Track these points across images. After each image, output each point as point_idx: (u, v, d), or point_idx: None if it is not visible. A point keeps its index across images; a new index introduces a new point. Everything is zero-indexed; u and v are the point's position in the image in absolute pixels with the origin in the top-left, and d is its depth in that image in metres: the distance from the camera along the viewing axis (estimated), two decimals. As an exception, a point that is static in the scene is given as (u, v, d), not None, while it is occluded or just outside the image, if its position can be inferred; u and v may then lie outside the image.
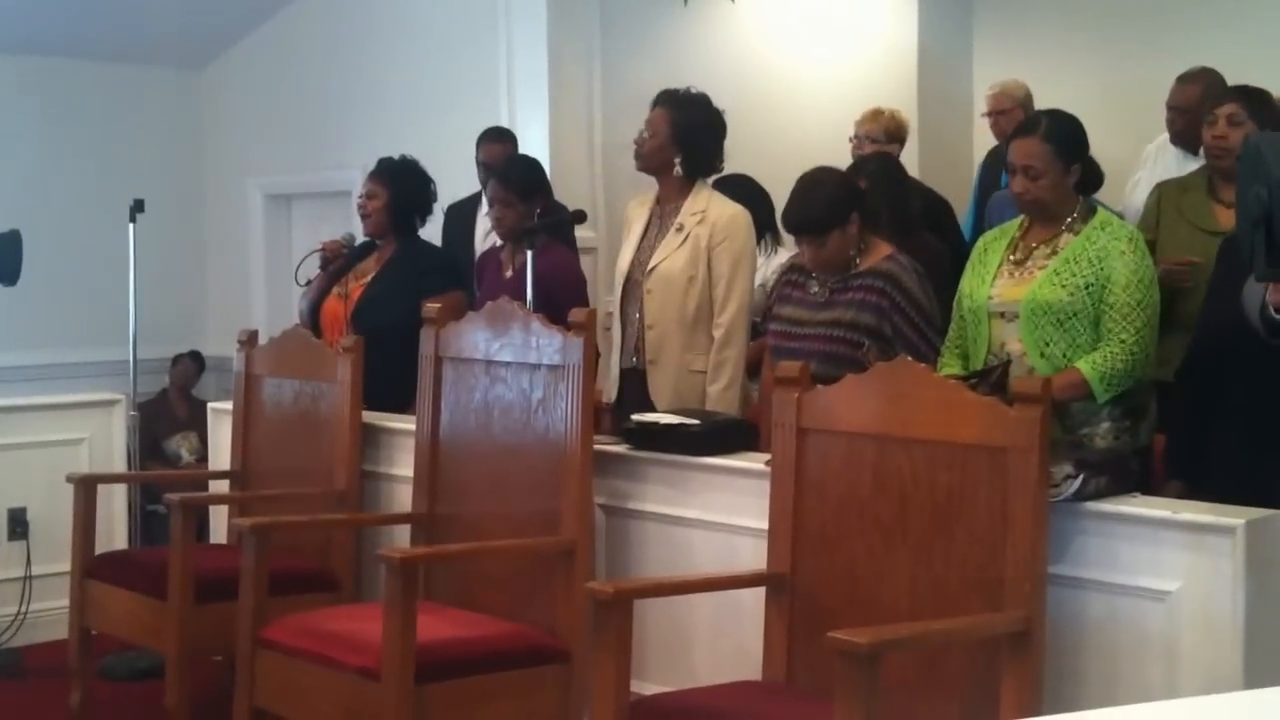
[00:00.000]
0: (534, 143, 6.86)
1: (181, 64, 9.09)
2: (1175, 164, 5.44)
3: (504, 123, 6.90)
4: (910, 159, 7.14)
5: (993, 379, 3.68)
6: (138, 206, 6.13)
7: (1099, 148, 5.85)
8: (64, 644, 5.03)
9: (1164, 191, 4.95)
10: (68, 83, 8.65)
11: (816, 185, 4.44)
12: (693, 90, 4.98)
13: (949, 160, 7.26)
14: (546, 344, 4.18)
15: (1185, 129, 5.28)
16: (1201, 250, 4.58)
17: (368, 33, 8.12)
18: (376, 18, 8.07)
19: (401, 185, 5.58)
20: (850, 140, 6.05)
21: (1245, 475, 3.57)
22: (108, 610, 4.84)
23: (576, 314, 4.17)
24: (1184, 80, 5.49)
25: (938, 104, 7.47)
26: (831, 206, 4.35)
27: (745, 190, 5.66)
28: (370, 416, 4.92)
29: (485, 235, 5.89)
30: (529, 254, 4.80)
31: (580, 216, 5.30)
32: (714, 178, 5.08)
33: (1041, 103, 6.40)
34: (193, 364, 8.77)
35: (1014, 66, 7.01)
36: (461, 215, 6.21)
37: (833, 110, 6.67)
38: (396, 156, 5.69)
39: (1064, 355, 3.88)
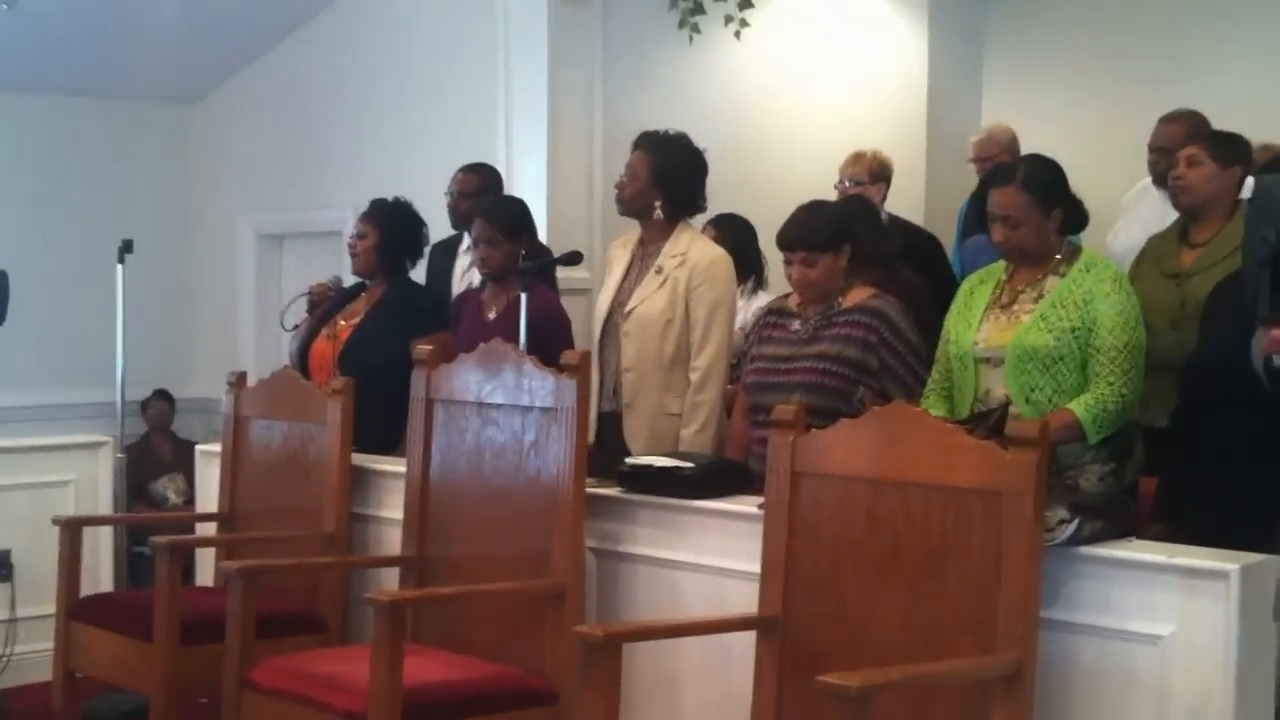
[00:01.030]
0: (531, 181, 6.91)
1: (172, 101, 9.15)
2: (1158, 207, 5.56)
3: (501, 160, 6.95)
4: (917, 197, 7.27)
5: (991, 422, 3.77)
6: (126, 247, 6.21)
7: (1106, 188, 5.99)
8: (49, 686, 5.08)
9: (1150, 244, 5.09)
10: (56, 120, 8.71)
11: (820, 207, 4.64)
12: (671, 131, 5.09)
13: (956, 199, 7.34)
14: (539, 386, 4.26)
15: (1168, 170, 5.42)
16: (1162, 292, 4.72)
17: (363, 69, 8.17)
18: (372, 54, 8.12)
19: (393, 226, 5.68)
20: (836, 188, 6.17)
21: (1224, 515, 3.65)
22: (93, 652, 4.89)
23: (569, 356, 4.25)
24: (1166, 121, 5.67)
25: (947, 142, 7.57)
26: (832, 227, 4.51)
27: (737, 229, 5.79)
28: (360, 459, 4.98)
29: (463, 274, 5.98)
30: (523, 295, 4.85)
31: (576, 257, 5.37)
32: (704, 218, 5.18)
33: (1052, 141, 6.50)
34: (163, 403, 8.80)
35: (1024, 106, 7.14)
36: (444, 254, 6.26)
37: (840, 149, 6.72)
38: (390, 198, 5.79)
39: (1049, 400, 3.99)
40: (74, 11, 7.83)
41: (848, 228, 4.55)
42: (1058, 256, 4.12)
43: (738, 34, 6.96)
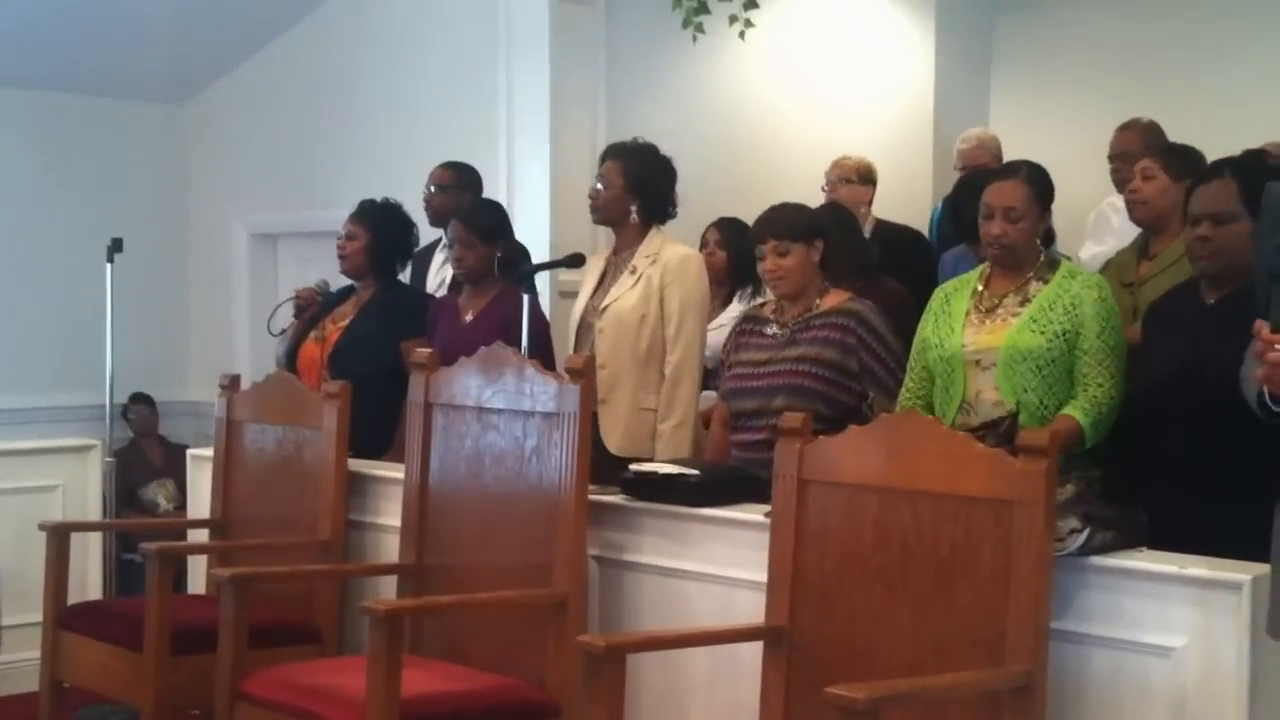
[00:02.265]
0: (534, 182, 6.97)
1: (165, 98, 9.17)
2: (1122, 226, 5.63)
3: (503, 163, 7.01)
4: (923, 205, 7.30)
5: (1000, 430, 3.82)
6: (115, 246, 6.25)
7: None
8: (35, 697, 5.10)
9: (1115, 256, 5.18)
10: (45, 116, 8.73)
11: (789, 203, 4.78)
12: (640, 140, 5.30)
13: (964, 208, 7.37)
14: (541, 391, 4.29)
15: (1130, 176, 5.49)
16: (1117, 301, 4.78)
17: (360, 68, 8.19)
18: (370, 52, 8.14)
19: (382, 228, 5.74)
20: (824, 189, 6.22)
21: (1182, 522, 3.68)
22: (81, 662, 4.91)
23: (573, 361, 4.30)
24: (1123, 129, 5.89)
25: (953, 150, 7.60)
26: (802, 219, 4.68)
27: (739, 235, 5.84)
28: (357, 464, 5.01)
29: (437, 270, 6.04)
30: (525, 299, 4.92)
31: (578, 260, 5.42)
32: (706, 220, 5.26)
33: (1059, 150, 6.53)
34: (145, 408, 8.81)
35: (1031, 115, 7.18)
36: (423, 257, 6.35)
37: (846, 153, 6.82)
38: (379, 198, 5.84)
39: (1040, 402, 4.11)
40: (64, 6, 7.85)
41: (819, 224, 4.71)
42: (1038, 264, 4.25)
43: (742, 34, 6.95)
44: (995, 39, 7.93)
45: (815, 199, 5.23)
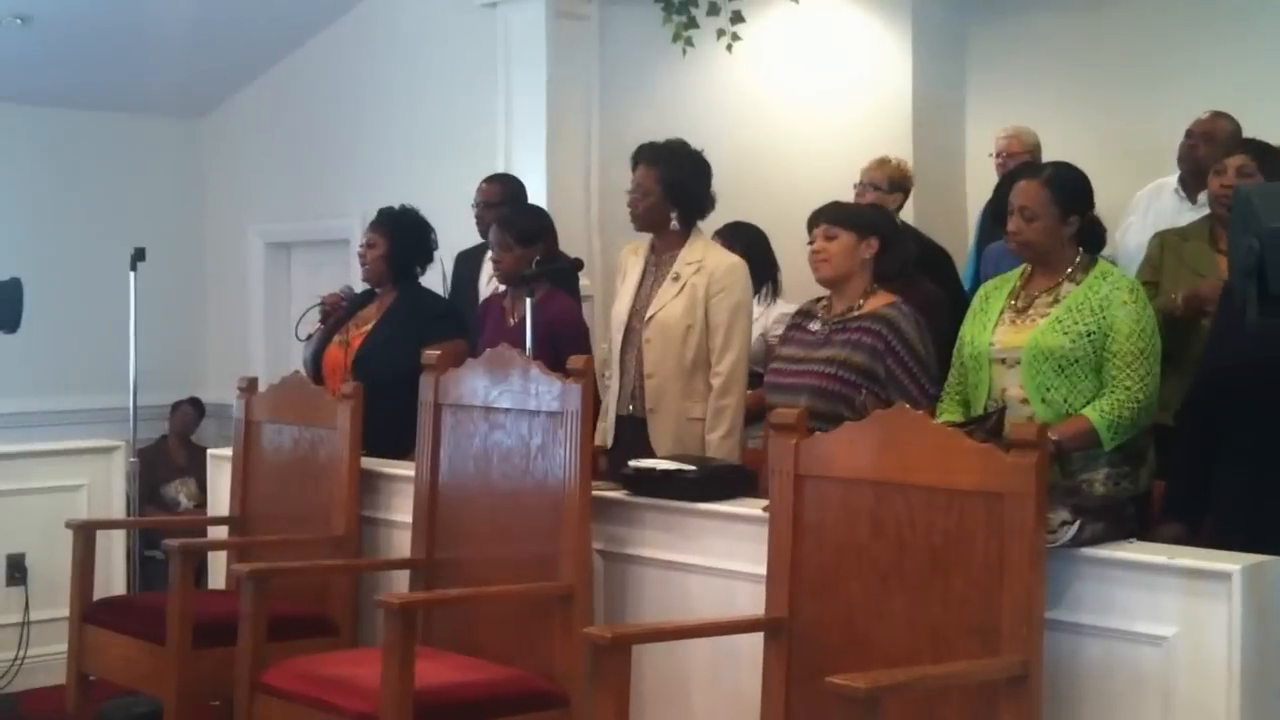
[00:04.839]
0: (531, 190, 6.85)
1: (183, 113, 9.18)
2: (1173, 207, 5.48)
3: (501, 169, 6.94)
4: (906, 208, 7.19)
5: (989, 425, 3.71)
6: (138, 255, 6.16)
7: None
8: (62, 689, 5.02)
9: (1165, 240, 5.01)
10: (70, 132, 8.73)
11: (850, 203, 4.66)
12: (671, 140, 5.00)
13: (943, 209, 7.28)
14: (545, 391, 4.20)
15: (1206, 155, 5.26)
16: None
17: (368, 82, 8.20)
18: (377, 67, 8.15)
19: (401, 234, 5.60)
20: (855, 187, 6.06)
21: (1249, 518, 3.58)
22: (106, 655, 4.83)
23: (575, 361, 4.19)
24: (1213, 115, 5.58)
25: (932, 153, 7.49)
26: (861, 214, 4.55)
27: (748, 237, 5.70)
28: (369, 462, 4.92)
29: (488, 280, 5.93)
30: (528, 301, 4.82)
31: (577, 265, 5.32)
32: (711, 229, 5.10)
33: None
34: (192, 410, 8.79)
35: (1006, 117, 7.04)
36: (469, 261, 6.27)
37: (829, 159, 6.72)
38: (397, 206, 5.72)
39: (1065, 401, 3.93)
40: (87, 27, 7.83)
41: (872, 221, 4.52)
42: (1073, 265, 4.06)
43: (729, 47, 6.88)
44: (970, 47, 7.82)
45: (802, 202, 5.07)
